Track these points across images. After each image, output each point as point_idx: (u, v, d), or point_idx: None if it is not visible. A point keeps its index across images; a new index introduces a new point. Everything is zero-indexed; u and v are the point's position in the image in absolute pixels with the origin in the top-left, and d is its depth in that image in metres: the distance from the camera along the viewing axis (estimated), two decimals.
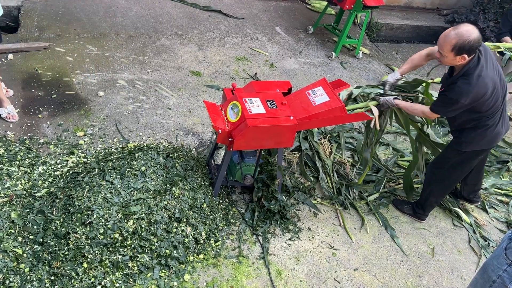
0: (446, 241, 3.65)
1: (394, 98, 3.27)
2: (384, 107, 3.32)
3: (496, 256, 2.41)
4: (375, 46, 6.52)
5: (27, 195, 2.88)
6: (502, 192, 4.24)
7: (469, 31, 2.76)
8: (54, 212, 2.71)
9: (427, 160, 4.24)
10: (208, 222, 3.05)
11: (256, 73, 4.96)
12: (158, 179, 3.05)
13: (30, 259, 2.55)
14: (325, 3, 6.04)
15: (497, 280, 2.37)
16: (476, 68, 2.87)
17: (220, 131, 2.87)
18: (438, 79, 6.02)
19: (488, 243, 3.71)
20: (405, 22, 6.97)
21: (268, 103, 3.01)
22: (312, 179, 3.78)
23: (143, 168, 3.04)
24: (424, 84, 3.38)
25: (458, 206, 3.94)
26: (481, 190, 4.03)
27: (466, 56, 2.82)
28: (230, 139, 2.93)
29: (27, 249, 2.58)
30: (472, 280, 2.65)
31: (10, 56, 4.17)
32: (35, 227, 2.67)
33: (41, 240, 2.61)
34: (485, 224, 3.89)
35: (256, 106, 2.95)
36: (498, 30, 4.74)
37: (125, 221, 2.71)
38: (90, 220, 2.63)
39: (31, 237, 2.63)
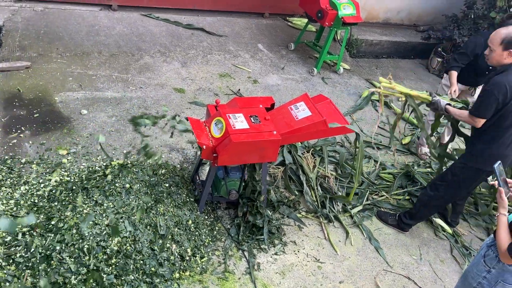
0: (429, 251, 3.71)
1: (447, 104, 3.37)
2: (433, 106, 3.44)
3: (475, 264, 2.48)
4: (355, 61, 6.67)
5: (9, 215, 2.84)
6: (482, 201, 4.34)
7: None
8: (36, 233, 2.67)
9: (408, 172, 4.33)
10: (193, 238, 3.05)
11: (239, 89, 5.03)
12: (143, 197, 3.04)
13: (14, 282, 2.50)
14: (306, 20, 6.18)
15: (477, 287, 2.43)
16: None
17: (204, 147, 2.90)
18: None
19: (470, 252, 3.78)
20: (383, 38, 7.16)
21: (252, 118, 3.06)
22: (297, 193, 3.82)
23: (127, 185, 3.03)
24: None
25: (440, 217, 4.02)
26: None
27: None
28: (214, 155, 2.95)
29: (9, 271, 2.54)
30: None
31: None
32: (17, 248, 2.63)
33: (22, 260, 2.57)
34: (465, 234, 3.98)
35: (239, 122, 2.99)
36: (451, 60, 4.22)
37: (110, 239, 2.69)
38: (73, 241, 2.60)
39: (10, 260, 2.58)
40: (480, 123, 3.15)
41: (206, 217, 3.33)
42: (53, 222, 2.71)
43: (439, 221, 3.95)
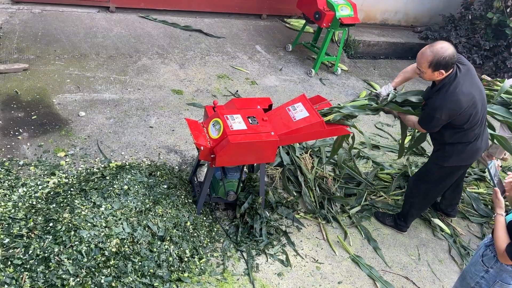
0: (427, 252, 3.71)
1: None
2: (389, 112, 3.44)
3: (473, 263, 2.48)
4: (353, 62, 6.68)
5: (7, 217, 2.83)
6: (481, 200, 4.35)
7: (443, 48, 2.88)
8: (34, 235, 2.67)
9: (406, 172, 4.34)
10: (192, 239, 3.05)
11: (237, 91, 5.03)
12: (141, 198, 3.04)
13: (12, 284, 2.50)
14: (304, 21, 6.19)
15: (476, 287, 2.43)
16: (451, 84, 2.97)
17: (202, 148, 2.90)
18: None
19: (468, 252, 3.79)
20: (381, 39, 7.17)
21: (249, 119, 3.06)
22: (295, 194, 3.82)
23: (125, 187, 3.03)
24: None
25: (438, 217, 4.02)
26: (459, 204, 4.12)
27: (443, 71, 2.92)
28: (212, 156, 2.96)
29: (7, 273, 2.53)
30: (452, 287, 2.71)
31: None
32: (16, 250, 2.62)
33: (20, 262, 2.57)
34: (463, 233, 3.98)
35: (237, 123, 3.00)
36: None
37: (108, 241, 2.69)
38: (71, 243, 2.60)
39: (8, 263, 2.57)
40: (425, 130, 3.22)
41: (204, 218, 3.33)
42: (51, 224, 2.70)
43: (437, 221, 3.96)
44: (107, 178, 3.13)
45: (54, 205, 2.89)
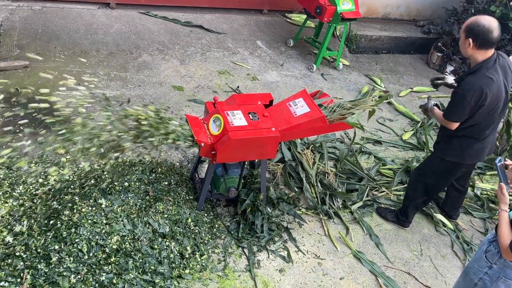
0: (429, 247, 3.70)
1: (435, 104, 3.29)
2: (426, 111, 3.37)
3: (477, 259, 2.47)
4: (355, 57, 6.64)
5: (7, 215, 2.83)
6: (483, 195, 4.33)
7: (486, 19, 2.81)
8: (35, 232, 2.66)
9: (408, 168, 4.32)
10: (193, 236, 3.04)
11: (238, 87, 5.01)
12: (142, 195, 3.03)
13: (13, 282, 2.50)
14: (305, 16, 6.15)
15: (479, 283, 2.42)
16: (488, 69, 2.88)
17: (202, 144, 2.88)
18: (419, 88, 6.16)
19: (471, 247, 3.77)
20: (383, 34, 7.12)
21: (250, 115, 3.04)
22: (296, 190, 3.81)
23: (126, 184, 3.03)
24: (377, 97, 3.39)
25: (440, 212, 4.00)
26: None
27: (471, 41, 2.83)
28: (213, 152, 2.94)
29: (8, 270, 2.53)
30: (455, 283, 2.69)
31: None
32: (16, 248, 2.62)
33: (21, 261, 2.56)
34: (466, 228, 3.96)
35: (238, 119, 2.98)
36: None
37: (109, 238, 2.68)
38: (72, 240, 2.59)
39: (9, 260, 2.57)
40: (454, 126, 3.08)
41: (205, 214, 3.32)
42: (51, 222, 2.70)
43: (440, 216, 3.94)
44: (108, 175, 3.12)
45: (54, 203, 2.88)
